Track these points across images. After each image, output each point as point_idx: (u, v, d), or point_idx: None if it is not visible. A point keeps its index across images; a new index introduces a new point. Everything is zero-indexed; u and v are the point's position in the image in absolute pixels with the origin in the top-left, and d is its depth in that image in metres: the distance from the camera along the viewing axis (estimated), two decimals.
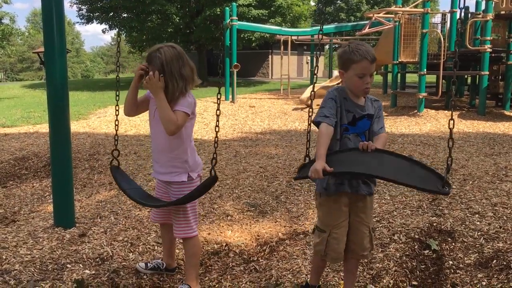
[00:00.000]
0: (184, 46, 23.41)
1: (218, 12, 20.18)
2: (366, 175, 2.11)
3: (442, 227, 3.44)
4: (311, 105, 2.37)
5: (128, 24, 22.67)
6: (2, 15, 26.54)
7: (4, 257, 2.88)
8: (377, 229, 3.40)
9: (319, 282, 2.52)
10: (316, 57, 2.44)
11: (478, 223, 3.49)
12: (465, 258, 2.94)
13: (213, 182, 2.32)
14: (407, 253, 3.03)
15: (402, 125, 9.05)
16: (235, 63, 13.44)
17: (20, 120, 9.98)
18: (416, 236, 3.28)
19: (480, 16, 10.25)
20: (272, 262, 2.99)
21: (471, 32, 10.54)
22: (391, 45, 11.24)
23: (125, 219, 3.67)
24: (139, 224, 3.58)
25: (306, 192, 4.46)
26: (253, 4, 21.56)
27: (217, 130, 2.38)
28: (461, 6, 12.36)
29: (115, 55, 2.74)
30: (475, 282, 2.65)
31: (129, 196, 2.58)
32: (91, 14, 24.47)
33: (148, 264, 2.81)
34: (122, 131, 8.15)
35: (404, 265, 2.87)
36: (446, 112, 10.17)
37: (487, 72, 9.86)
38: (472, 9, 12.11)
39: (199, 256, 2.71)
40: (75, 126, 8.74)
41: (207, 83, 21.57)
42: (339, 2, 44.38)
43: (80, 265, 2.83)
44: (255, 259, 3.07)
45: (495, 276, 2.69)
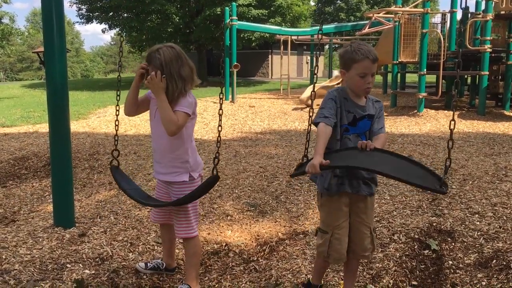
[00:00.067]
0: (184, 46, 23.40)
1: (218, 12, 20.18)
2: (363, 169, 2.09)
3: (442, 227, 3.44)
4: (311, 105, 2.37)
5: (128, 24, 22.67)
6: (1, 14, 26.53)
7: (4, 257, 2.88)
8: (377, 229, 3.40)
9: (321, 282, 2.52)
10: (316, 57, 2.44)
11: (478, 223, 3.49)
12: (465, 258, 2.94)
13: (214, 182, 2.32)
14: (407, 253, 3.03)
15: (402, 125, 9.05)
16: (235, 63, 13.44)
17: (20, 120, 9.97)
18: (416, 236, 3.28)
19: (480, 16, 10.25)
20: (272, 262, 2.99)
21: (471, 32, 10.54)
22: (391, 45, 11.24)
23: (125, 219, 3.67)
24: (139, 224, 3.58)
25: (306, 192, 4.46)
26: (253, 4, 21.56)
27: (219, 129, 2.38)
28: (462, 6, 12.37)
29: (115, 55, 2.75)
30: (474, 282, 2.65)
31: (130, 196, 2.58)
32: (91, 14, 24.46)
33: (148, 264, 2.81)
34: (122, 131, 8.14)
35: (404, 265, 2.87)
36: (446, 112, 10.17)
37: (487, 72, 9.87)
38: (472, 9, 12.12)
39: (200, 256, 2.71)
40: (74, 126, 8.74)
41: (207, 83, 21.57)
42: (339, 2, 44.37)
43: (80, 265, 2.82)
44: (255, 259, 3.07)
45: (495, 276, 2.69)
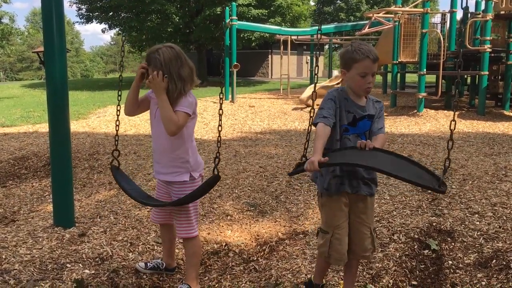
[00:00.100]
0: (184, 46, 23.41)
1: (218, 12, 20.18)
2: (362, 166, 2.08)
3: (442, 227, 3.44)
4: (312, 105, 2.37)
5: (127, 23, 22.65)
6: (1, 14, 26.49)
7: (3, 256, 2.87)
8: (376, 229, 3.40)
9: (323, 281, 2.52)
10: (316, 57, 2.43)
11: (478, 223, 3.49)
12: (464, 258, 2.94)
13: (215, 181, 2.32)
14: (407, 253, 3.03)
15: (401, 125, 9.05)
16: (235, 63, 13.44)
17: (20, 120, 9.97)
18: (416, 236, 3.28)
19: (480, 16, 10.25)
20: (271, 262, 2.99)
21: (470, 32, 10.54)
22: (391, 45, 11.24)
23: (124, 219, 3.67)
24: (138, 223, 3.58)
25: (305, 192, 4.46)
26: (252, 3, 21.56)
27: (220, 129, 2.38)
28: (463, 6, 12.38)
29: (115, 55, 2.75)
30: (474, 282, 2.65)
31: (131, 196, 2.58)
32: (91, 14, 24.46)
33: (148, 264, 2.81)
34: (122, 131, 8.14)
35: (404, 265, 2.87)
36: (446, 112, 10.17)
37: (487, 72, 9.86)
38: (472, 9, 12.11)
39: (200, 256, 2.71)
40: (74, 126, 8.74)
41: (207, 82, 21.57)
42: (338, 2, 44.37)
43: (80, 264, 2.82)
44: (255, 259, 3.07)
45: (495, 276, 2.69)
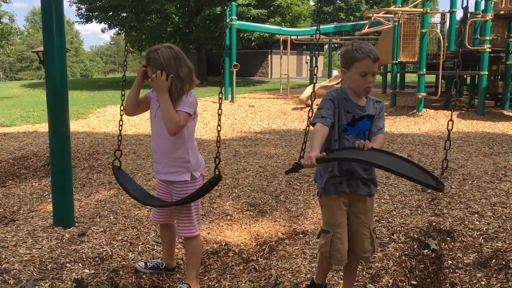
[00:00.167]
0: (184, 46, 23.41)
1: (218, 12, 20.18)
2: (359, 161, 2.06)
3: (441, 226, 3.44)
4: (311, 106, 2.37)
5: (127, 23, 22.65)
6: (1, 14, 26.47)
7: (3, 256, 2.87)
8: (376, 228, 3.40)
9: (326, 281, 2.52)
10: (315, 57, 2.43)
11: (477, 222, 3.50)
12: (464, 258, 2.94)
13: (217, 181, 2.32)
14: (406, 252, 3.04)
15: (401, 124, 9.05)
16: (235, 63, 13.44)
17: (19, 120, 9.97)
18: (415, 236, 3.28)
19: (480, 16, 10.26)
20: (271, 262, 2.99)
21: (470, 32, 10.54)
22: (391, 45, 11.24)
23: (124, 219, 3.67)
24: (138, 223, 3.58)
25: (305, 192, 4.46)
26: (252, 3, 21.57)
27: (219, 129, 2.38)
28: (463, 6, 12.37)
29: (115, 55, 2.75)
30: (474, 281, 2.65)
31: (132, 197, 2.58)
32: (90, 14, 24.46)
33: (148, 264, 2.81)
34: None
35: (403, 264, 2.87)
36: (446, 112, 10.18)
37: (486, 72, 9.86)
38: (471, 9, 12.12)
39: (200, 256, 2.71)
40: (74, 126, 8.73)
41: (207, 82, 21.57)
42: (338, 1, 44.37)
43: (80, 264, 2.82)
44: (255, 258, 3.07)
45: (494, 275, 2.70)
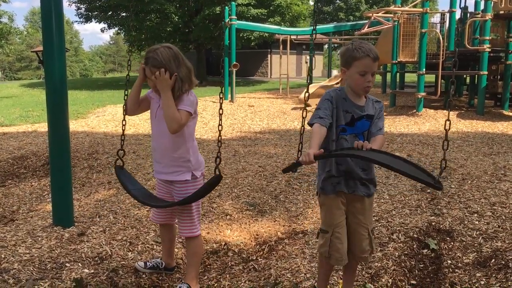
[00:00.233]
0: (183, 45, 23.42)
1: (217, 11, 20.18)
2: (358, 156, 2.04)
3: (441, 226, 3.44)
4: (304, 107, 2.38)
5: (127, 23, 22.63)
6: (0, 13, 26.46)
7: (3, 256, 2.87)
8: (376, 228, 3.40)
9: (328, 287, 2.49)
10: (310, 57, 2.44)
11: (477, 222, 3.50)
12: (463, 257, 2.94)
13: (217, 181, 2.32)
14: (406, 252, 3.04)
15: (401, 124, 9.06)
16: (234, 63, 13.44)
17: (19, 119, 9.96)
18: (415, 235, 3.28)
19: (479, 15, 10.26)
20: (271, 261, 2.99)
21: (470, 31, 10.54)
22: (390, 44, 11.24)
23: (124, 218, 3.67)
24: (138, 223, 3.57)
25: (305, 192, 4.46)
26: (252, 3, 21.56)
27: (220, 129, 2.39)
28: (461, 6, 12.38)
29: (114, 54, 2.75)
30: (473, 281, 2.65)
31: (133, 197, 2.57)
32: (90, 13, 24.46)
33: (147, 263, 2.81)
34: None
35: (403, 264, 2.88)
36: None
37: (486, 72, 9.87)
38: (471, 8, 12.14)
39: (201, 256, 2.71)
40: (73, 125, 8.72)
41: (206, 82, 21.58)
42: (338, 1, 44.37)
43: (79, 264, 2.82)
44: (254, 258, 3.07)
45: (494, 275, 2.70)
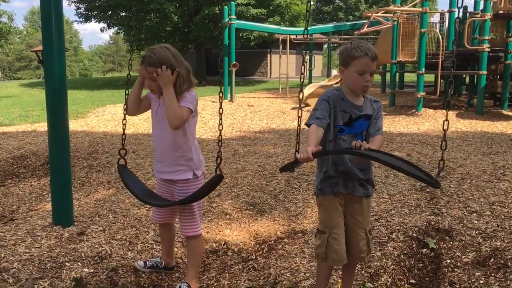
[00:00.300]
0: (183, 45, 23.42)
1: (217, 11, 20.19)
2: (356, 153, 2.01)
3: (440, 225, 3.45)
4: (299, 106, 2.38)
5: (126, 23, 22.64)
6: (0, 13, 26.45)
7: (2, 255, 2.87)
8: (375, 227, 3.41)
9: None
10: (303, 56, 2.43)
11: (476, 221, 3.50)
12: (462, 257, 2.95)
13: (218, 181, 2.32)
14: (405, 251, 3.04)
15: (400, 124, 9.06)
16: (234, 62, 13.44)
17: (18, 119, 9.96)
18: (414, 235, 3.28)
19: (479, 15, 10.26)
20: (270, 261, 2.99)
21: (469, 31, 10.55)
22: (390, 44, 11.25)
23: (123, 218, 3.67)
24: (137, 222, 3.58)
25: (304, 191, 4.47)
26: (251, 3, 21.56)
27: (220, 128, 2.40)
28: (457, 5, 12.38)
29: (114, 54, 2.76)
30: (472, 280, 2.65)
31: (135, 195, 2.57)
32: (89, 13, 24.45)
33: (147, 263, 2.81)
34: (121, 130, 8.13)
35: (402, 263, 2.88)
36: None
37: (485, 72, 9.87)
38: (470, 8, 12.15)
39: (201, 256, 2.71)
40: (73, 125, 8.72)
41: (206, 82, 21.58)
42: (337, 1, 44.37)
43: (79, 263, 2.82)
44: (254, 257, 3.07)
45: (493, 274, 2.70)
